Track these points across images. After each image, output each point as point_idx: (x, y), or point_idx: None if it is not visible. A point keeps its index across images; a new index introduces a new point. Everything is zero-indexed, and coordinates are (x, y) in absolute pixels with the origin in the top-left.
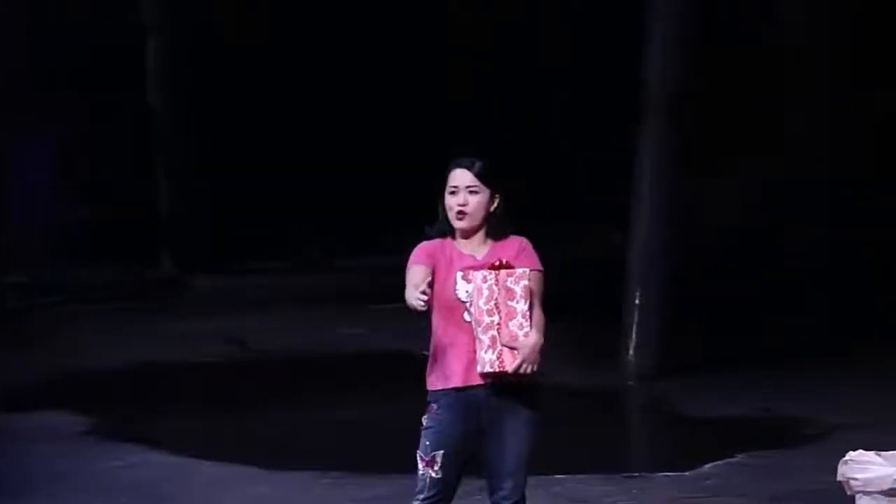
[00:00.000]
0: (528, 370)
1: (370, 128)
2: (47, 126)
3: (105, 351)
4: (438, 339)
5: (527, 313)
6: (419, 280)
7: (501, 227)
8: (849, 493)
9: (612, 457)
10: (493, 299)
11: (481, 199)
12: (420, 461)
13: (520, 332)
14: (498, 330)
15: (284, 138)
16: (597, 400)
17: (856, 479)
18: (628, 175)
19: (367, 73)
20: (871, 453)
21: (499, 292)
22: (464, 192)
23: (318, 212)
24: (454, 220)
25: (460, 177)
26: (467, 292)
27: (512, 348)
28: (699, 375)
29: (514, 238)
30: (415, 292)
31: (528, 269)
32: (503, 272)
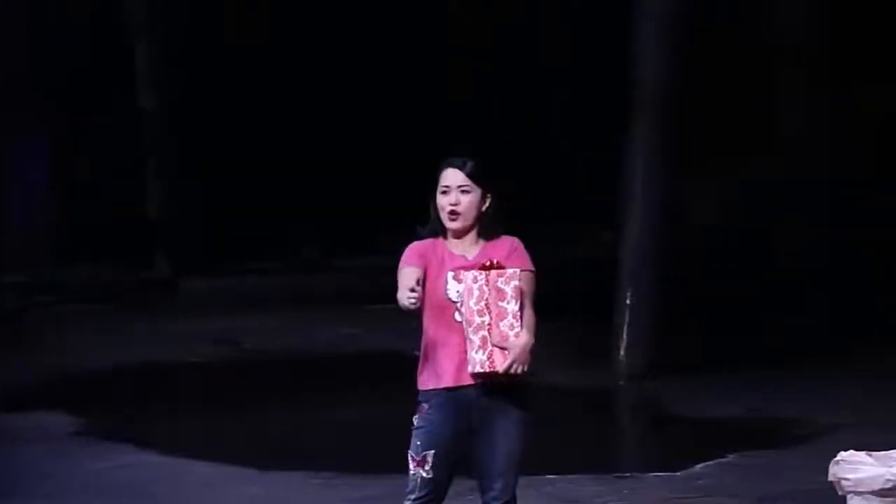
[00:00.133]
0: (519, 370)
1: (370, 128)
2: (43, 126)
3: (100, 351)
4: (429, 339)
5: (517, 314)
6: (410, 282)
7: (493, 226)
8: (840, 494)
9: (603, 457)
10: (483, 300)
11: (473, 198)
12: (411, 461)
13: (510, 332)
14: (488, 330)
15: (283, 138)
16: (587, 400)
17: (847, 479)
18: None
19: (366, 73)
20: (862, 453)
21: (489, 293)
22: (455, 192)
23: (317, 212)
24: (446, 221)
25: (452, 176)
26: (458, 292)
27: (502, 349)
28: (691, 375)
29: (506, 238)
30: (406, 292)
31: (518, 270)
32: (494, 272)
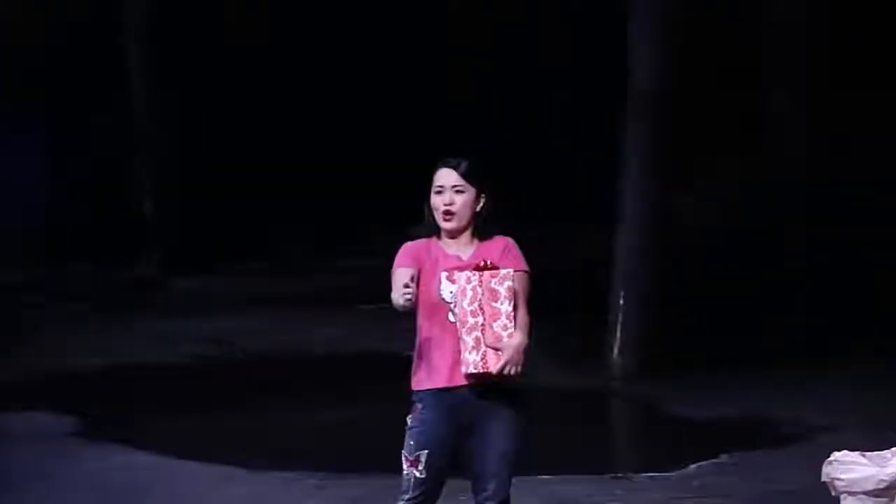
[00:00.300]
0: (512, 371)
1: (369, 127)
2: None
3: (88, 351)
4: (423, 340)
5: (511, 314)
6: (404, 280)
7: (488, 226)
8: (834, 494)
9: (597, 457)
10: (477, 300)
11: (467, 198)
12: (405, 461)
13: (504, 332)
14: (482, 331)
15: (282, 138)
16: (581, 400)
17: (840, 479)
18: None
19: (366, 72)
20: (855, 454)
21: (483, 293)
22: (450, 192)
23: (314, 212)
24: (441, 221)
25: (446, 176)
26: (452, 293)
27: (496, 349)
28: (685, 375)
29: (500, 238)
30: (400, 290)
31: (511, 270)
32: (487, 273)
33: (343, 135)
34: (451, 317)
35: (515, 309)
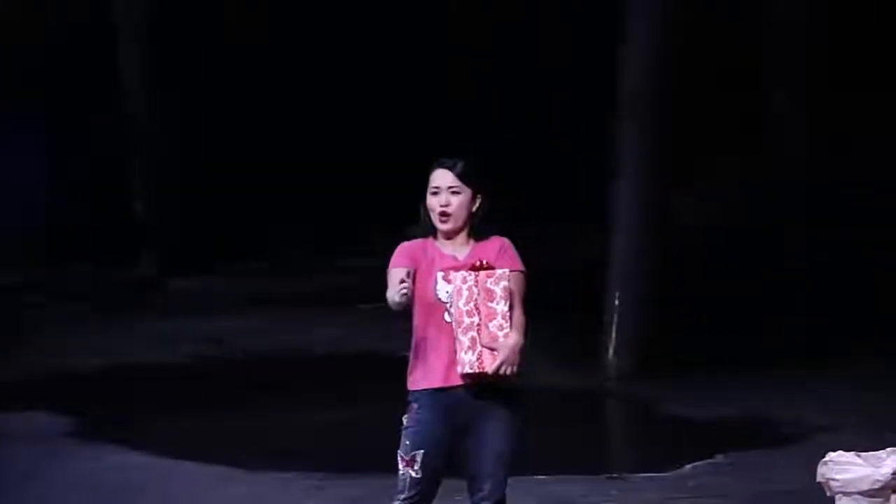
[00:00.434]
0: (508, 371)
1: (369, 127)
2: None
3: (88, 351)
4: (419, 340)
5: (507, 314)
6: (400, 278)
7: (484, 227)
8: (829, 494)
9: (592, 457)
10: (472, 300)
11: (463, 199)
12: (400, 461)
13: (500, 333)
14: (478, 331)
15: (281, 138)
16: (576, 400)
17: (835, 479)
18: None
19: (366, 72)
20: (850, 454)
21: (479, 293)
22: (446, 193)
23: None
24: (437, 222)
25: (442, 177)
26: (447, 293)
27: (492, 349)
28: (685, 375)
29: (496, 238)
30: (396, 286)
31: (507, 270)
32: (483, 273)
33: (343, 135)
34: (446, 317)
35: (511, 309)
